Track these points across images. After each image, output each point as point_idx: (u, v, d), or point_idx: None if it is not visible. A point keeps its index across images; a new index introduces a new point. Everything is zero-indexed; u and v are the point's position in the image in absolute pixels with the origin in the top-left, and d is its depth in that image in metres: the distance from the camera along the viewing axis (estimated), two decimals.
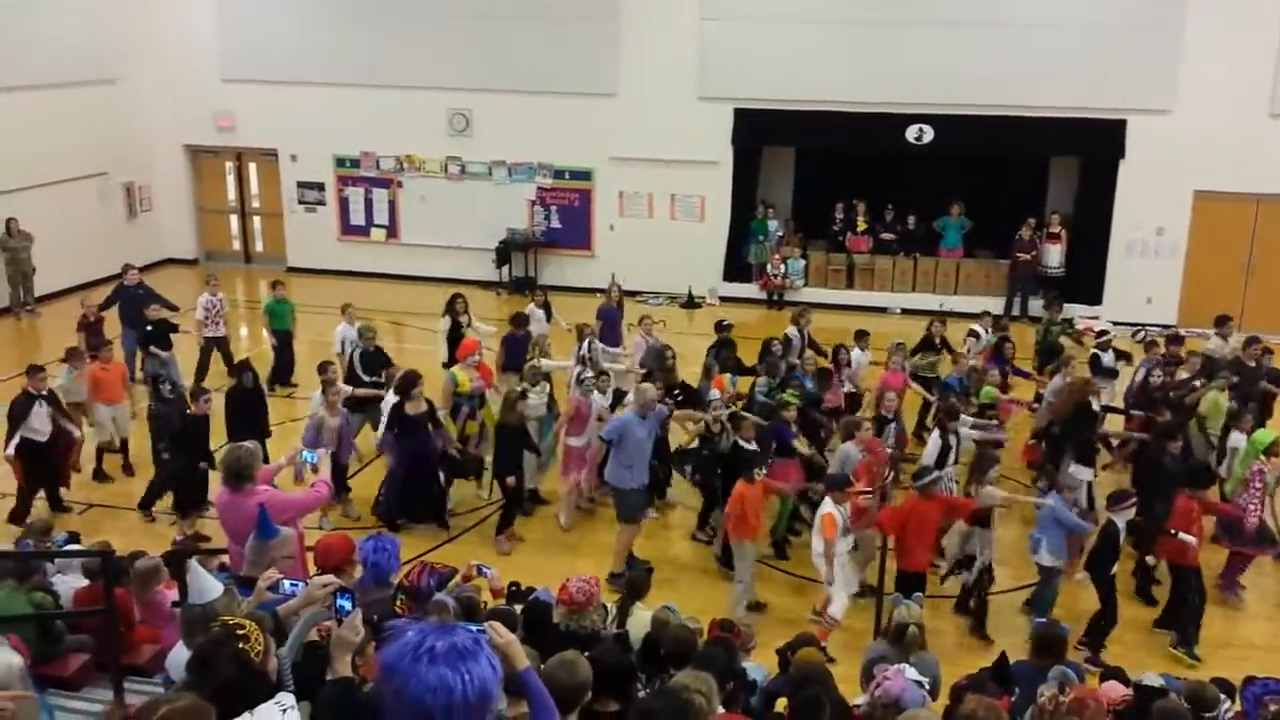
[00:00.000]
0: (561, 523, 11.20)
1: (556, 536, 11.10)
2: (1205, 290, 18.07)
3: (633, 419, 9.94)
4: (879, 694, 4.91)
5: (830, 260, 19.76)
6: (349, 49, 20.02)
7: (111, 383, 12.02)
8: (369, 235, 21.19)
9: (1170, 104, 17.62)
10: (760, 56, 18.63)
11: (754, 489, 9.12)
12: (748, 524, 9.14)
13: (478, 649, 2.59)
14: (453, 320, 13.70)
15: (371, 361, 12.27)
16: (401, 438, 10.73)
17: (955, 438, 10.19)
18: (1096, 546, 8.98)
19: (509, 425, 10.58)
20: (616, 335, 14.09)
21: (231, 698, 3.39)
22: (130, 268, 14.86)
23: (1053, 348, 13.44)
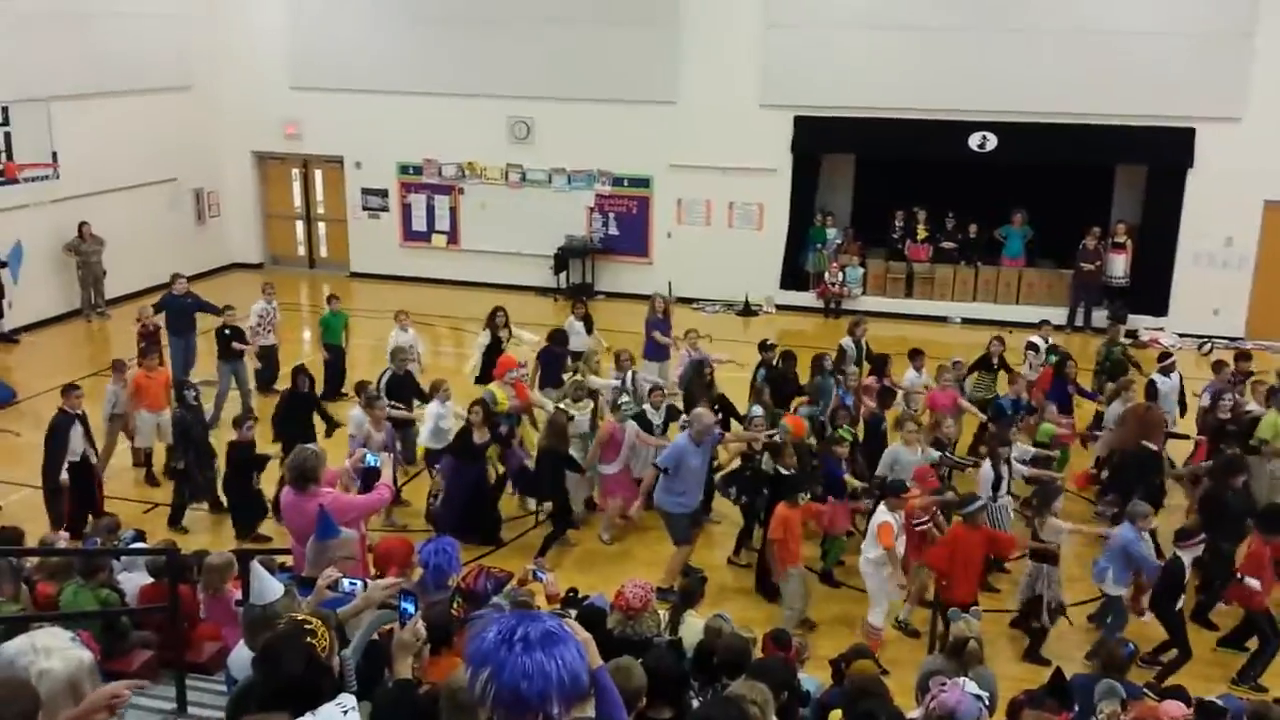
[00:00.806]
0: (604, 539, 11.05)
1: (599, 550, 10.94)
2: (1275, 302, 17.65)
3: (688, 445, 9.67)
4: (934, 706, 4.86)
5: (889, 268, 19.61)
6: (413, 57, 20.29)
7: (155, 390, 11.93)
8: (430, 241, 21.42)
9: (1241, 112, 17.25)
10: (822, 63, 18.55)
11: (795, 512, 8.98)
12: (789, 549, 8.98)
13: (567, 635, 2.63)
14: (493, 335, 13.44)
15: (398, 386, 11.95)
16: (462, 464, 10.56)
17: (1008, 467, 9.95)
18: (1161, 584, 8.67)
19: (553, 450, 10.41)
20: (663, 350, 13.90)
21: (299, 693, 3.44)
22: (179, 277, 14.77)
23: (1116, 367, 12.99)
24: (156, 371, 12.26)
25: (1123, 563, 8.71)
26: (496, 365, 12.05)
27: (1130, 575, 8.81)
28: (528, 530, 11.18)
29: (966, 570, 8.54)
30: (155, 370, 12.24)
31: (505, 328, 13.47)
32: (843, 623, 9.50)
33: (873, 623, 8.87)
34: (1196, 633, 9.19)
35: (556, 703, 2.54)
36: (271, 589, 5.22)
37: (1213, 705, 5.92)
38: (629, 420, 10.82)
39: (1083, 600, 9.53)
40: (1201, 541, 8.58)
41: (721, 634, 6.52)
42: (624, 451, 10.74)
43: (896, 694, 6.32)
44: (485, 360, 13.16)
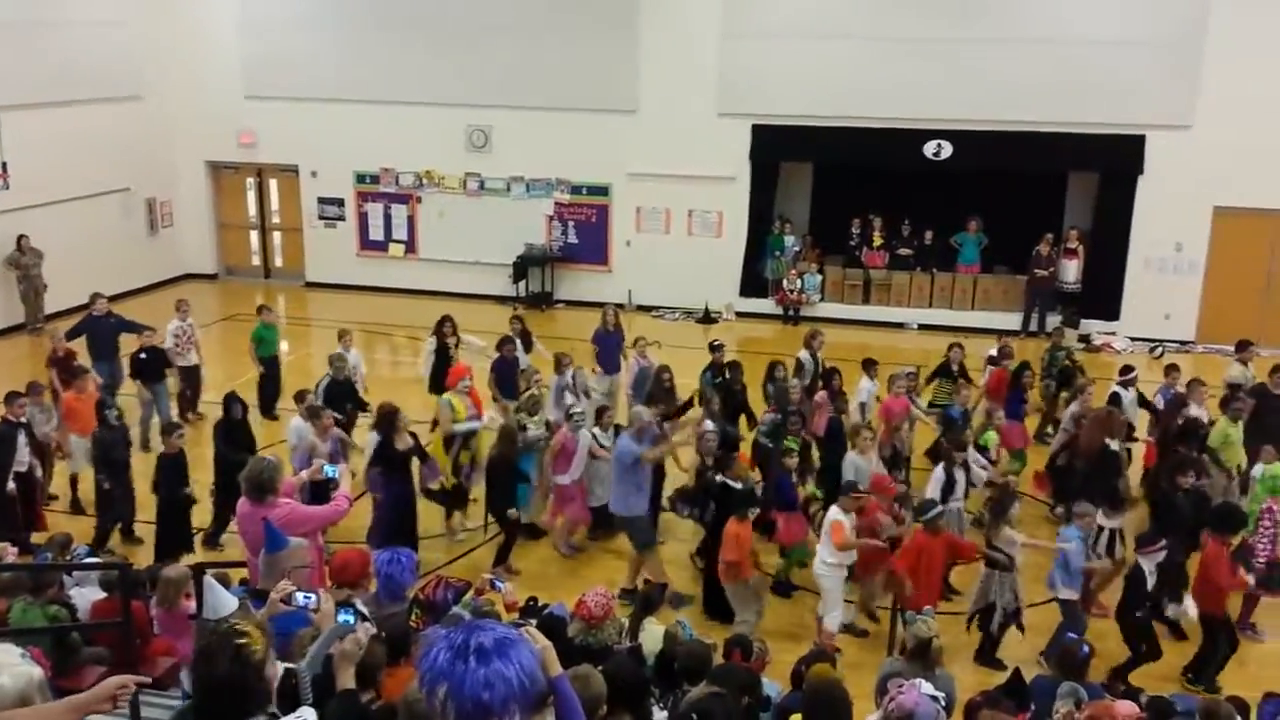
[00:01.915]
0: (563, 551, 10.85)
1: (552, 569, 10.69)
2: (1224, 307, 17.97)
3: (633, 444, 9.70)
4: (893, 708, 4.90)
5: (847, 275, 19.75)
6: (370, 66, 20.19)
7: (86, 413, 11.31)
8: (387, 251, 21.30)
9: (1190, 119, 17.56)
10: (779, 73, 18.69)
11: (745, 527, 8.86)
12: (739, 565, 8.85)
13: (518, 638, 2.66)
14: (440, 343, 13.18)
15: (335, 393, 11.67)
16: (388, 475, 10.06)
17: (964, 471, 9.97)
18: (1124, 593, 8.64)
19: (505, 459, 10.26)
20: (614, 361, 13.62)
21: (232, 695, 3.41)
22: (99, 296, 13.91)
23: (1063, 373, 13.06)
24: (87, 394, 11.63)
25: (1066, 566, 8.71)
26: (448, 374, 11.82)
27: (1079, 578, 8.79)
28: (492, 538, 11.01)
29: (929, 576, 8.55)
30: (86, 392, 11.61)
31: (453, 336, 13.23)
32: (800, 629, 9.48)
33: (829, 628, 8.87)
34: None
35: (519, 707, 2.56)
36: (226, 602, 5.18)
37: (1164, 703, 6.00)
38: (582, 430, 10.63)
39: (1038, 602, 9.58)
40: (1163, 548, 8.52)
41: (681, 640, 6.53)
42: (577, 461, 10.53)
43: (856, 697, 6.35)
44: (435, 369, 12.98)
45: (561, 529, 10.92)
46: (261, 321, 14.33)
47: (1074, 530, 8.81)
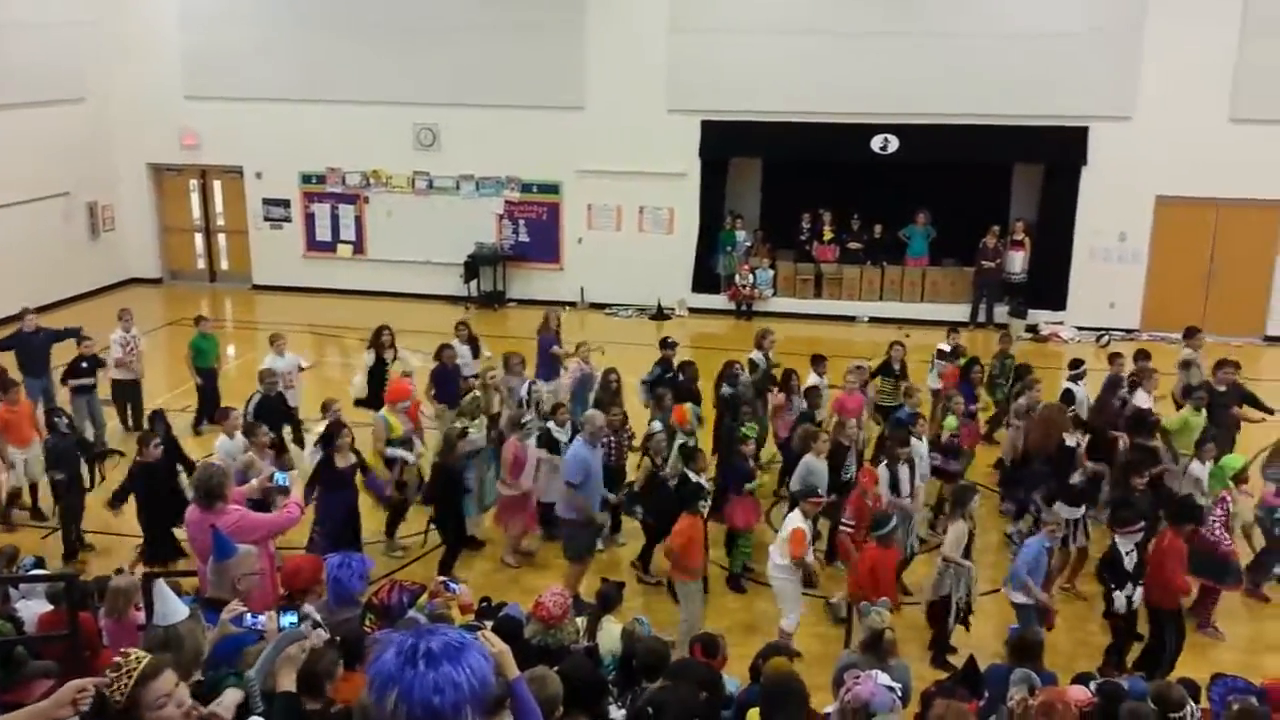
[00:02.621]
0: (510, 563, 10.62)
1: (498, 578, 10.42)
2: (1168, 295, 18.30)
3: (587, 451, 9.61)
4: (849, 699, 4.94)
5: (798, 270, 19.85)
6: (314, 65, 19.96)
7: (19, 424, 11.07)
8: (335, 252, 21.08)
9: (1131, 110, 17.85)
10: (726, 68, 18.73)
11: (697, 523, 8.79)
12: (691, 560, 8.75)
13: (470, 641, 2.63)
14: (377, 355, 12.79)
15: (267, 411, 11.30)
16: (329, 493, 9.74)
17: (908, 468, 9.96)
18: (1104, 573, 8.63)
19: (447, 467, 10.08)
20: (554, 367, 13.28)
21: None
22: (27, 312, 13.38)
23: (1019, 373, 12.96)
24: (19, 404, 11.28)
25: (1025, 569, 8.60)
26: (386, 390, 11.49)
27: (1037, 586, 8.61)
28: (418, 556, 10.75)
29: (885, 587, 8.47)
30: (17, 404, 11.24)
31: (391, 347, 12.85)
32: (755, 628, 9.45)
33: (785, 628, 8.85)
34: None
35: (471, 711, 2.54)
36: (176, 610, 5.10)
37: (1116, 687, 6.08)
38: (531, 440, 10.44)
39: (989, 591, 9.68)
40: (1141, 529, 8.51)
41: (639, 638, 6.52)
42: (528, 471, 10.32)
43: (816, 689, 6.38)
44: (372, 382, 12.64)
45: (512, 540, 10.69)
46: (199, 332, 13.81)
47: (1039, 540, 8.70)
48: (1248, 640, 9.58)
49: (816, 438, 10.02)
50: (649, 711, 4.26)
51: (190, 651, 4.81)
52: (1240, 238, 18.14)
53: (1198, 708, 6.24)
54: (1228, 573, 9.38)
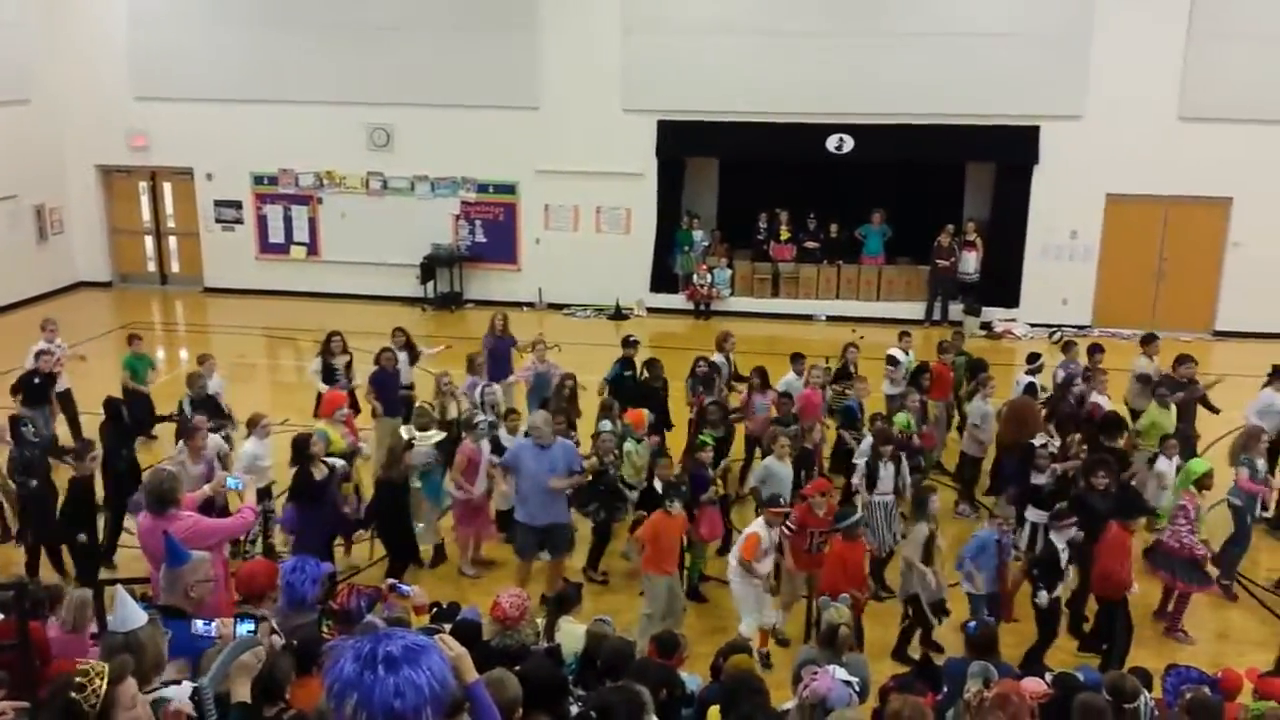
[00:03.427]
0: (468, 573, 10.44)
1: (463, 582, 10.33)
2: (1119, 291, 18.57)
3: (528, 447, 9.51)
4: (806, 694, 4.95)
5: (756, 269, 19.92)
6: (265, 65, 19.75)
7: None
8: (289, 253, 20.86)
9: (1081, 110, 18.09)
10: (682, 68, 18.75)
11: (670, 522, 8.74)
12: (661, 557, 8.74)
13: (429, 644, 2.63)
14: (325, 363, 12.40)
15: (200, 407, 11.06)
16: (306, 506, 9.39)
17: (893, 464, 9.98)
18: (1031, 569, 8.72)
19: (392, 481, 9.86)
20: (505, 368, 13.00)
21: None
22: None
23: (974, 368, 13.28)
24: None
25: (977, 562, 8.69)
26: (323, 403, 11.24)
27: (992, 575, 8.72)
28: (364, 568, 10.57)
29: (853, 580, 8.55)
30: None
31: (343, 353, 12.49)
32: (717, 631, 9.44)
33: (742, 633, 8.84)
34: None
35: (432, 713, 2.54)
36: (134, 616, 5.03)
37: (1071, 678, 6.16)
38: (484, 443, 10.27)
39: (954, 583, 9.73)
40: (1074, 523, 8.61)
41: (606, 638, 6.49)
42: (482, 474, 10.09)
43: (777, 688, 6.41)
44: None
45: (465, 548, 10.55)
46: (131, 352, 13.28)
47: (988, 532, 8.76)
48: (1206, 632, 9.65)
49: (775, 439, 10.01)
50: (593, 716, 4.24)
51: (151, 658, 4.74)
52: (1189, 234, 18.46)
53: (1151, 698, 6.33)
54: (1198, 576, 9.40)
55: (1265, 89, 17.33)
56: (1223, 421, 12.11)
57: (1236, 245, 18.25)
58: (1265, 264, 17.88)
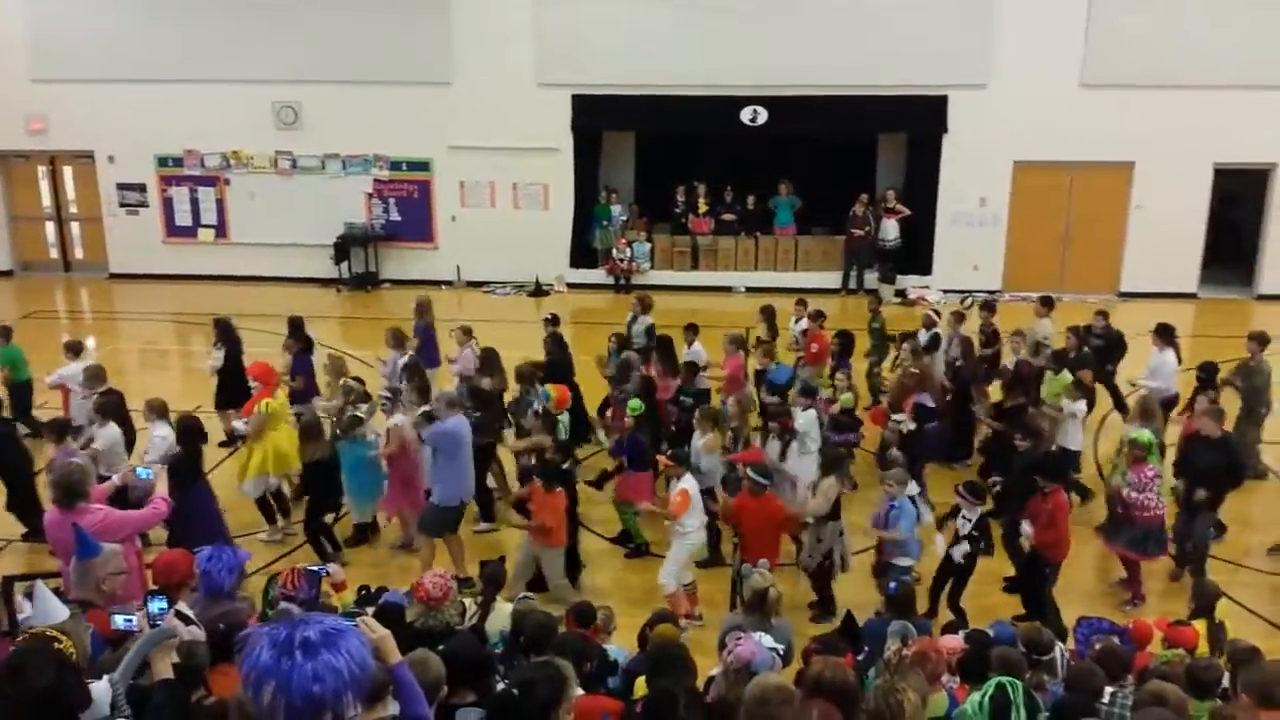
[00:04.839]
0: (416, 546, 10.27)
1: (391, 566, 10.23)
2: (1027, 256, 19.02)
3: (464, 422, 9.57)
4: (730, 660, 5.01)
5: (675, 242, 19.96)
6: (166, 43, 19.13)
7: None
8: (196, 236, 20.35)
9: (986, 79, 18.40)
10: (596, 41, 18.63)
11: (549, 497, 8.88)
12: (549, 530, 8.89)
13: (347, 627, 2.60)
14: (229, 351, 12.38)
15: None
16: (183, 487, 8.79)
17: (791, 436, 10.06)
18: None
19: (314, 461, 9.88)
20: (434, 354, 13.01)
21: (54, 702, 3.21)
22: None
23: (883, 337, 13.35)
24: None
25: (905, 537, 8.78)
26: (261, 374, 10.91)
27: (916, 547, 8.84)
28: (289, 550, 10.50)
29: (761, 534, 8.68)
30: None
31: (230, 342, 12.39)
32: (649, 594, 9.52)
33: (661, 579, 8.97)
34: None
35: (354, 697, 2.51)
36: (56, 611, 4.93)
37: (983, 634, 6.32)
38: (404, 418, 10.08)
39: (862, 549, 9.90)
40: (981, 503, 8.72)
41: (528, 615, 6.50)
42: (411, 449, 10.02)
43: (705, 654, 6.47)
44: (224, 380, 12.26)
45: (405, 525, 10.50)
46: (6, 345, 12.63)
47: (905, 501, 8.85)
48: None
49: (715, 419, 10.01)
50: (514, 694, 4.24)
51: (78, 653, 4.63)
52: (1093, 199, 18.94)
53: (1065, 649, 6.52)
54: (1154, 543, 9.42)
55: (1164, 55, 17.79)
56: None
57: (1139, 208, 18.79)
58: (1166, 226, 18.47)
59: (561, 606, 8.36)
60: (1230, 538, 10.49)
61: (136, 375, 12.48)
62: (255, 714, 2.52)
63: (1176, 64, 17.77)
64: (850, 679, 4.44)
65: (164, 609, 4.58)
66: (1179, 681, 5.39)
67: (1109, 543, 9.63)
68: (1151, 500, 9.15)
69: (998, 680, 4.16)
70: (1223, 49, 17.56)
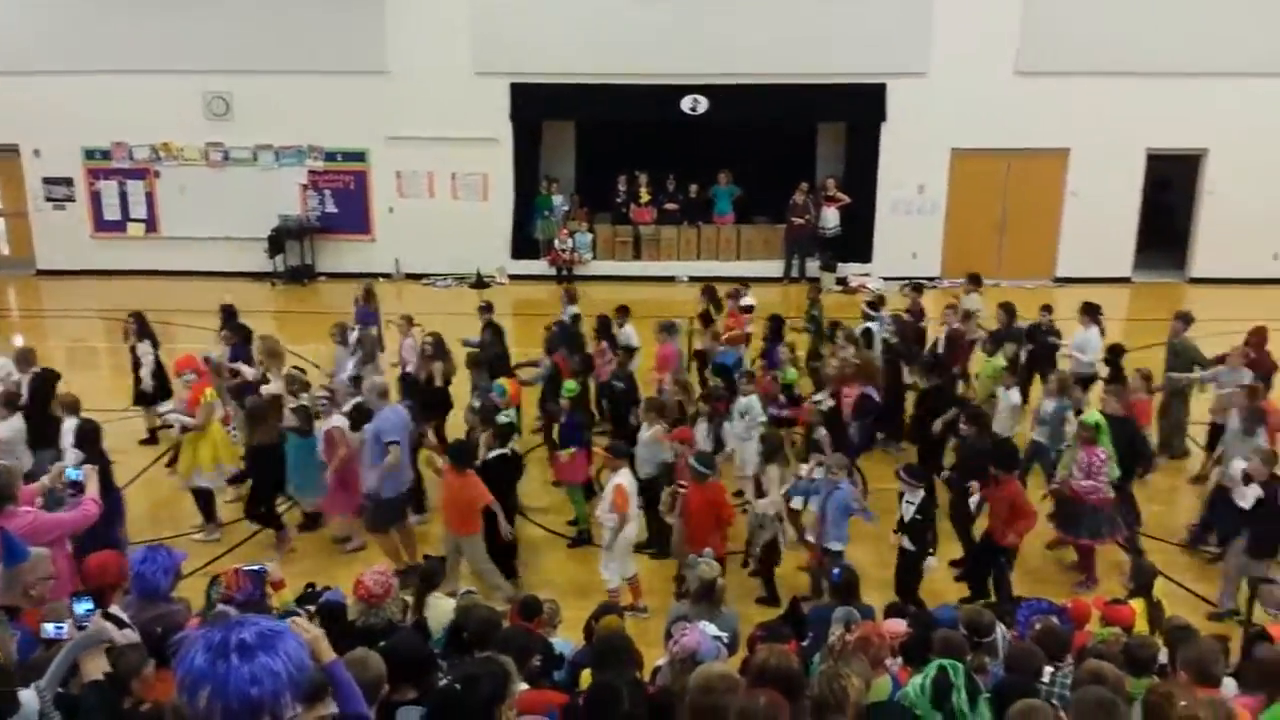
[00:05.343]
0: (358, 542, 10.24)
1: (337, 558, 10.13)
2: (965, 243, 19.21)
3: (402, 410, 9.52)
4: (676, 650, 5.00)
5: (617, 232, 19.90)
6: (92, 33, 18.66)
7: None
8: (126, 231, 19.90)
9: (924, 67, 18.57)
10: (534, 30, 18.50)
11: (461, 479, 8.78)
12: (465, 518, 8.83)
13: (283, 628, 2.57)
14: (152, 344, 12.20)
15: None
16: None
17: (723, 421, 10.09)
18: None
19: (258, 445, 9.81)
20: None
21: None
22: None
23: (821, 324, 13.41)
24: None
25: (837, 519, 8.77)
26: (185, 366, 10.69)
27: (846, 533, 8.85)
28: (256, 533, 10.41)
29: (702, 522, 8.68)
30: None
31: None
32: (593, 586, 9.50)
33: (604, 576, 8.97)
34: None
35: (292, 698, 2.49)
36: None
37: (927, 615, 6.37)
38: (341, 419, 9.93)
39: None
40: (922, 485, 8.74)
41: (472, 610, 6.43)
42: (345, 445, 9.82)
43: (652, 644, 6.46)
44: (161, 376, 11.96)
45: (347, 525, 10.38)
46: None
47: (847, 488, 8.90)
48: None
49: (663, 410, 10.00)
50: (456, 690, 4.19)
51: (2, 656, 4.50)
52: (1030, 186, 19.21)
53: (1007, 631, 6.59)
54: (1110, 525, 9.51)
55: (1098, 43, 18.07)
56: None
57: (1074, 194, 19.09)
58: (1101, 211, 18.80)
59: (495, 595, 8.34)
60: (1161, 518, 10.67)
61: (65, 373, 12.17)
62: (191, 718, 2.47)
63: (1110, 51, 18.05)
64: (794, 666, 4.44)
65: (90, 610, 4.45)
66: (1116, 660, 5.46)
67: (1067, 534, 9.67)
68: (1102, 482, 9.25)
69: (939, 663, 4.18)
70: (1155, 36, 17.91)
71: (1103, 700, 4.07)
